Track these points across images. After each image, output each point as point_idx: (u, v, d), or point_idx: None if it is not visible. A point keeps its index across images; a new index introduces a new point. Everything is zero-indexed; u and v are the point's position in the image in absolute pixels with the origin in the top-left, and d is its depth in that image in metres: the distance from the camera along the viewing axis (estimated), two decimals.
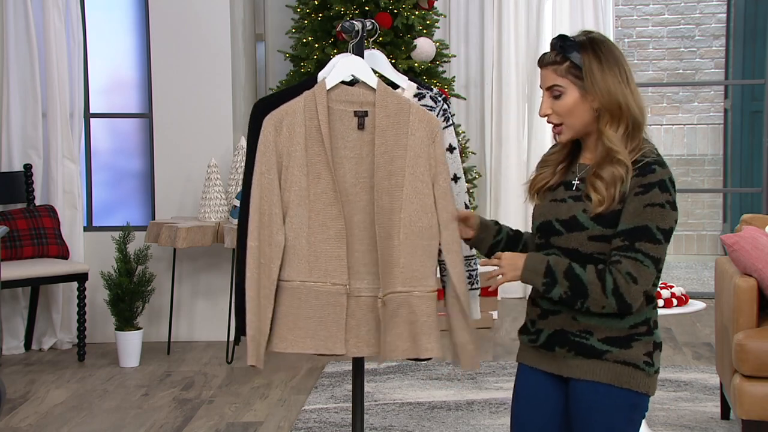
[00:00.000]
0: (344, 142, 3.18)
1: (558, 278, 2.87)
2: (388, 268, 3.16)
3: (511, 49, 8.33)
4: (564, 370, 2.98)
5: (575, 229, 2.91)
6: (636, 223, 2.85)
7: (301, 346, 3.19)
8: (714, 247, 11.06)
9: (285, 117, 3.19)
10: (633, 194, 2.86)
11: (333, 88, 3.20)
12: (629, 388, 2.92)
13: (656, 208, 2.85)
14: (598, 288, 2.85)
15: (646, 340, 2.94)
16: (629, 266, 2.83)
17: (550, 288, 2.88)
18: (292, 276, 3.19)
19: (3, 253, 6.55)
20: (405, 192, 3.14)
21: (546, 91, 2.94)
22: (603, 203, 2.87)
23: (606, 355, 2.92)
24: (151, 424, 5.47)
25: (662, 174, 2.88)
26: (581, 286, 2.86)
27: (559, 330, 2.96)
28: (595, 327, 2.92)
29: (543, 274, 2.88)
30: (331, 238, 3.18)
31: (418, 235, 3.14)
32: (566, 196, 2.97)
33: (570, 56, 2.90)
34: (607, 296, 2.84)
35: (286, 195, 3.18)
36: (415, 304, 3.15)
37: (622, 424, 2.94)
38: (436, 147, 3.14)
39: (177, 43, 7.16)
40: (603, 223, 2.89)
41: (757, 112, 10.24)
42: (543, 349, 3.01)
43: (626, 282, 2.83)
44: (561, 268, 2.87)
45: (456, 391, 5.90)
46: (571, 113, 2.92)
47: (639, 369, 2.92)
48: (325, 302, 3.18)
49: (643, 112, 2.94)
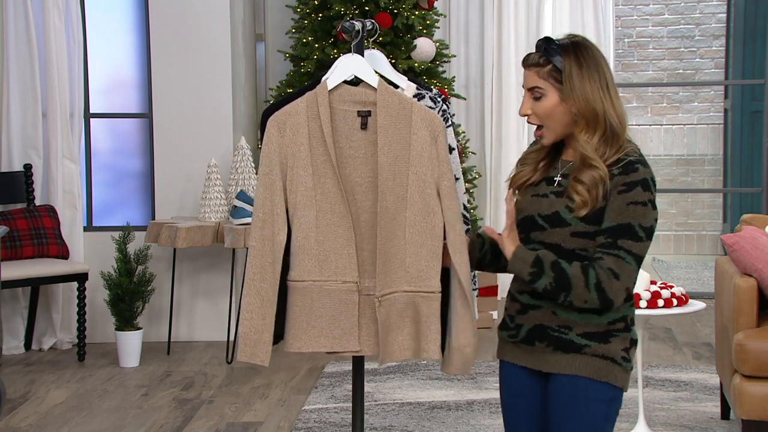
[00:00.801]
0: (348, 142, 3.19)
1: (545, 269, 2.91)
2: (393, 267, 3.16)
3: (511, 49, 8.33)
4: (544, 365, 3.01)
5: (558, 225, 2.95)
6: (619, 221, 2.88)
7: (316, 345, 3.20)
8: (714, 247, 11.06)
9: (288, 118, 3.20)
10: (616, 192, 2.90)
11: (336, 88, 3.21)
12: (608, 381, 2.96)
13: (639, 206, 2.89)
14: (582, 282, 2.89)
15: (623, 336, 2.99)
16: (611, 263, 2.88)
17: (536, 278, 2.92)
18: (303, 276, 3.19)
19: (3, 253, 6.55)
20: (409, 191, 3.15)
21: (527, 91, 2.99)
22: (587, 205, 2.92)
23: (585, 349, 2.96)
24: (151, 424, 5.47)
25: (645, 173, 2.91)
26: (566, 279, 2.90)
27: (538, 325, 3.00)
28: (574, 322, 2.97)
29: (531, 263, 2.93)
30: (340, 236, 3.18)
31: (423, 234, 3.14)
32: (548, 191, 3.01)
33: (552, 60, 2.94)
34: (589, 291, 2.88)
35: (293, 196, 3.19)
36: (420, 304, 3.15)
37: (600, 418, 2.98)
38: (439, 146, 3.15)
39: (177, 43, 7.17)
40: (586, 219, 2.93)
41: (757, 112, 10.24)
42: (523, 344, 3.05)
43: (608, 278, 2.87)
44: (548, 260, 2.92)
45: (456, 391, 5.91)
46: (550, 116, 2.97)
47: (616, 363, 2.97)
48: (337, 300, 3.19)
49: (623, 119, 2.97)
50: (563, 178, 3.00)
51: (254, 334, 3.20)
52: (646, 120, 11.29)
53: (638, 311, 4.83)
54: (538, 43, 2.98)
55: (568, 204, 2.94)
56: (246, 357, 3.21)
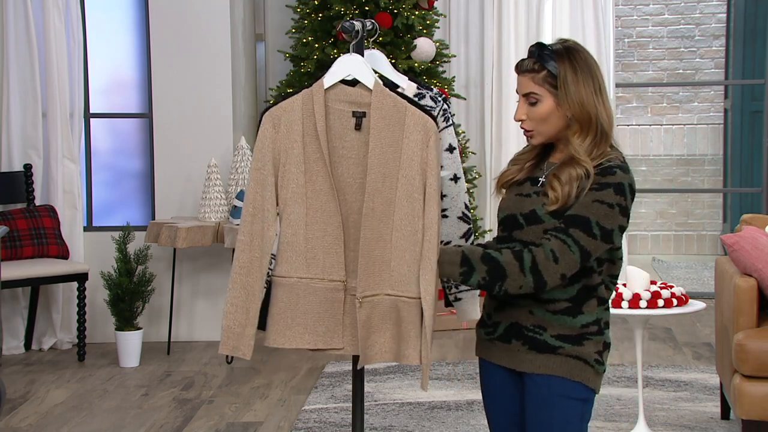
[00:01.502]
0: (342, 142, 3.18)
1: (475, 265, 2.92)
2: (377, 269, 3.14)
3: (511, 49, 8.32)
4: (519, 364, 3.03)
5: (533, 223, 2.98)
6: (578, 212, 2.91)
7: (299, 341, 3.20)
8: (714, 247, 11.06)
9: (283, 114, 3.19)
10: (588, 189, 2.93)
11: (333, 87, 3.20)
12: (581, 381, 2.99)
13: (604, 206, 2.90)
14: (516, 267, 2.90)
15: (596, 340, 3.01)
16: (555, 245, 2.89)
17: (468, 276, 2.93)
18: (289, 272, 3.19)
19: (3, 253, 6.55)
20: (398, 195, 3.13)
21: (522, 97, 3.01)
22: (558, 201, 2.94)
23: (559, 350, 2.98)
24: (151, 424, 5.47)
25: (622, 178, 2.93)
26: (499, 268, 2.90)
27: (514, 323, 3.02)
28: (549, 323, 2.99)
29: (459, 263, 2.94)
30: (328, 235, 3.18)
31: (408, 239, 3.12)
32: (531, 191, 3.03)
33: (547, 65, 2.97)
34: (525, 274, 2.89)
35: (284, 192, 3.19)
36: (402, 309, 3.13)
37: (575, 418, 3.00)
38: (429, 151, 3.12)
39: (177, 43, 7.17)
40: (558, 217, 2.95)
41: (757, 112, 10.24)
42: (499, 342, 3.06)
43: (546, 258, 2.89)
44: (477, 255, 2.93)
45: (456, 391, 5.91)
46: (545, 121, 2.99)
47: (589, 365, 2.99)
48: (323, 298, 3.18)
49: (611, 122, 3.01)
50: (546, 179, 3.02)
51: (238, 327, 3.20)
52: (646, 120, 11.29)
53: (638, 311, 4.83)
54: (531, 49, 3.01)
55: (544, 202, 2.97)
56: (228, 350, 3.22)
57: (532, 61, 2.98)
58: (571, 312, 2.98)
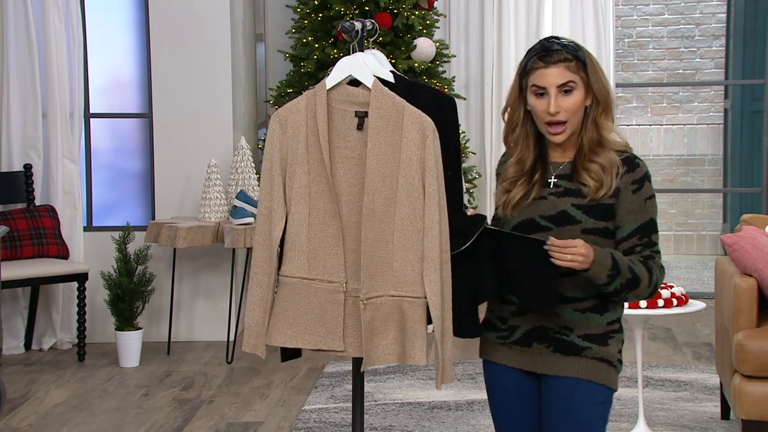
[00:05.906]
0: (344, 142, 3.18)
1: (622, 270, 2.93)
2: (380, 270, 3.14)
3: (511, 49, 8.32)
4: (540, 366, 3.02)
5: (566, 223, 2.97)
6: (644, 219, 2.97)
7: (300, 341, 3.21)
8: (714, 247, 11.05)
9: (290, 115, 3.21)
10: (630, 191, 2.96)
11: (336, 87, 3.21)
12: (605, 384, 2.99)
13: (652, 200, 3.00)
14: (647, 280, 2.95)
15: (618, 338, 3.05)
16: (659, 260, 2.99)
17: (613, 280, 2.93)
18: (292, 272, 3.21)
19: (3, 253, 6.55)
20: (398, 195, 3.13)
21: (556, 89, 2.98)
22: (601, 188, 2.96)
23: (585, 352, 2.98)
24: (151, 424, 5.47)
25: (644, 167, 3.02)
26: (636, 278, 2.94)
27: (538, 326, 3.01)
28: (576, 323, 2.99)
29: (610, 267, 2.93)
30: (329, 236, 3.19)
31: (410, 239, 3.12)
32: (546, 193, 3.02)
33: (577, 54, 2.99)
34: (650, 287, 2.96)
35: (290, 192, 3.21)
36: (406, 309, 3.13)
37: (599, 420, 3.01)
38: (427, 150, 3.12)
39: (177, 43, 7.17)
40: (596, 215, 2.96)
41: (757, 112, 10.23)
42: (517, 346, 3.05)
43: (661, 274, 2.98)
44: (624, 263, 2.94)
45: (456, 391, 5.91)
46: (577, 110, 3.01)
47: (612, 366, 3.01)
48: (323, 299, 3.19)
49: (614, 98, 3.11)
50: (559, 179, 3.02)
51: (256, 326, 3.24)
52: (646, 120, 11.29)
53: (638, 311, 4.83)
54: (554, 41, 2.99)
55: (574, 201, 2.96)
56: (249, 348, 3.25)
57: (564, 52, 2.98)
58: (598, 309, 3.00)
